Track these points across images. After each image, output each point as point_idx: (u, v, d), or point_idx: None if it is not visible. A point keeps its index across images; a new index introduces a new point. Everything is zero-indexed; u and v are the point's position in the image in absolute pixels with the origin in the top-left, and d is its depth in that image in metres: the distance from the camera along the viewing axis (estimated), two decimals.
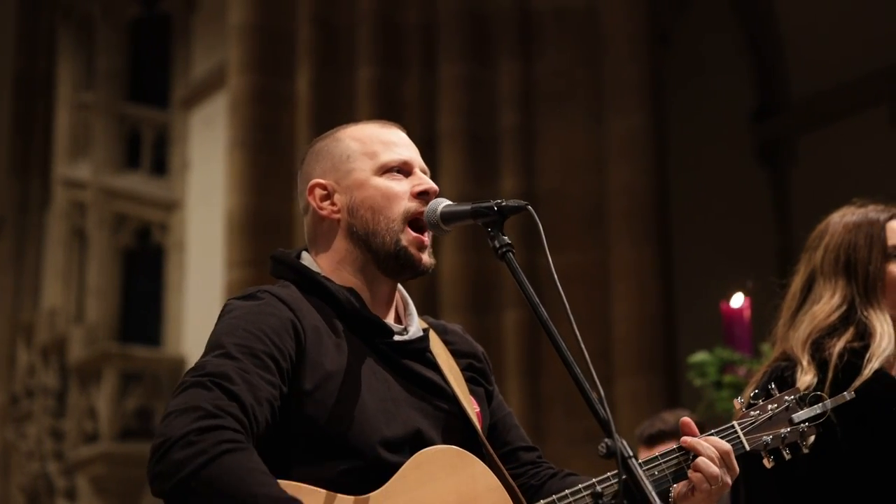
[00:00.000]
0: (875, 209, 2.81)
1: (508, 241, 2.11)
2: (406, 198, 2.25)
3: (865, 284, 2.73)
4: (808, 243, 2.86)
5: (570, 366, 1.97)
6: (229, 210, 8.63)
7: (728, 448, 2.18)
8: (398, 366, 2.21)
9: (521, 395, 7.68)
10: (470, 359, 2.37)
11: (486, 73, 8.44)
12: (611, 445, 1.87)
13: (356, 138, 2.31)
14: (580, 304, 8.01)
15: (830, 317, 2.74)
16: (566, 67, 8.39)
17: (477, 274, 7.93)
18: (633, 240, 8.11)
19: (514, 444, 2.37)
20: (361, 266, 2.26)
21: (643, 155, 8.25)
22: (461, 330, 2.43)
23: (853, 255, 2.76)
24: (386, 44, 8.49)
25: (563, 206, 8.19)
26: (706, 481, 2.14)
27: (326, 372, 2.11)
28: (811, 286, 2.82)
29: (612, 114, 8.29)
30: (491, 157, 8.32)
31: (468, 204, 2.19)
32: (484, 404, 2.33)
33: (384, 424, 2.12)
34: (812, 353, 2.69)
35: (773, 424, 2.28)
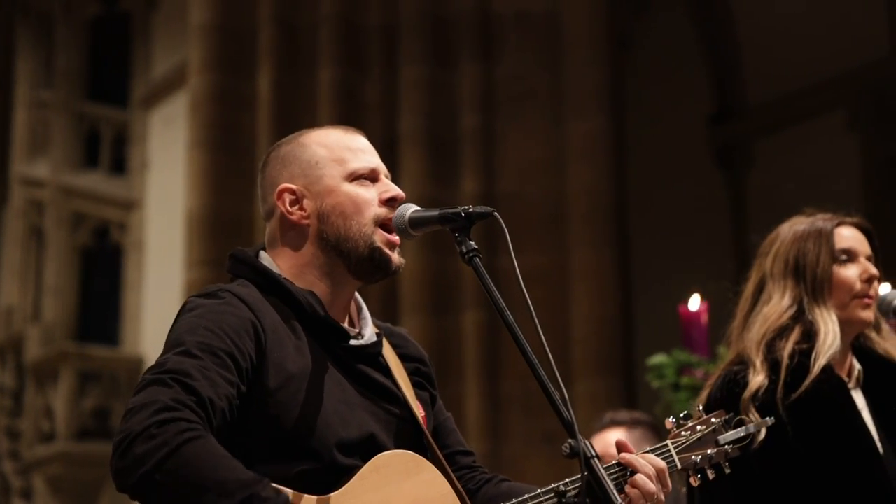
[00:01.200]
0: (823, 218, 2.92)
1: (475, 246, 2.16)
2: (375, 204, 2.29)
3: (814, 286, 2.83)
4: (759, 250, 2.96)
5: (535, 367, 2.02)
6: (189, 210, 8.61)
7: (664, 466, 2.26)
8: (353, 370, 2.25)
9: (480, 396, 7.72)
10: (416, 363, 2.41)
11: (448, 75, 8.47)
12: (574, 446, 1.93)
13: (323, 144, 2.34)
14: (539, 306, 7.90)
15: (781, 318, 2.83)
16: (527, 70, 8.43)
17: (437, 275, 7.96)
18: (592, 242, 8.17)
19: (452, 448, 2.42)
20: (329, 270, 2.29)
21: (602, 158, 8.30)
22: (406, 333, 2.47)
23: (802, 259, 2.86)
24: (347, 45, 8.49)
25: (523, 208, 8.23)
26: (643, 497, 2.21)
27: (289, 373, 2.15)
28: (763, 289, 2.91)
29: (571, 117, 8.34)
30: (451, 159, 8.34)
31: (436, 210, 2.23)
32: (429, 408, 2.38)
33: (340, 427, 2.16)
34: (765, 355, 2.77)
35: (701, 445, 2.37)
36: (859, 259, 2.87)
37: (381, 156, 2.37)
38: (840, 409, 2.75)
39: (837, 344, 2.79)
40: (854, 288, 2.83)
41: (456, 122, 8.42)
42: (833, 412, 2.74)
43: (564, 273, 8.17)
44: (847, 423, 2.74)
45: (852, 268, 2.85)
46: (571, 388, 7.83)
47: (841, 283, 2.84)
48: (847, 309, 2.84)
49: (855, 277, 2.83)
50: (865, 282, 2.83)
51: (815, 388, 2.69)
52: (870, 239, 2.93)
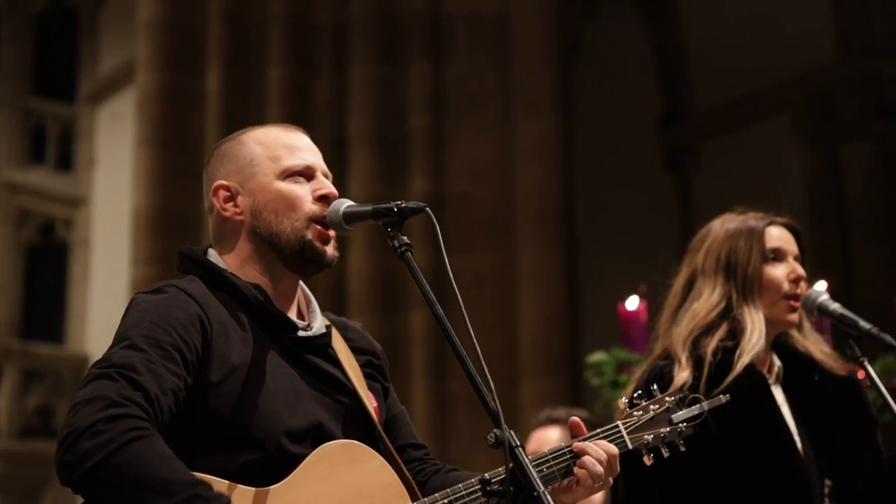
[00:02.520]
0: (755, 216, 2.97)
1: (407, 241, 2.20)
2: (308, 201, 2.33)
3: (744, 284, 2.88)
4: (690, 246, 3.02)
5: (463, 360, 2.05)
6: (135, 207, 8.55)
7: (615, 451, 2.29)
8: (301, 360, 2.28)
9: (427, 396, 7.74)
10: (369, 356, 2.45)
11: (398, 74, 8.48)
12: (499, 435, 1.95)
13: (260, 142, 2.38)
14: (487, 306, 8.10)
15: (710, 314, 2.88)
16: (477, 71, 8.46)
17: (385, 275, 7.97)
18: (541, 242, 8.21)
19: (404, 440, 2.45)
20: (266, 265, 2.33)
21: (551, 159, 8.35)
22: (361, 327, 2.51)
23: (733, 257, 2.91)
24: (297, 43, 8.47)
25: (472, 208, 8.27)
26: (590, 478, 2.25)
27: (232, 365, 2.18)
28: (692, 285, 2.97)
29: (521, 118, 8.38)
30: (401, 159, 8.35)
31: (369, 205, 2.27)
32: (381, 400, 2.42)
33: (288, 416, 2.19)
34: (690, 351, 2.83)
35: (654, 424, 2.40)
36: (788, 259, 2.93)
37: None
38: (760, 405, 2.82)
39: (762, 343, 2.85)
40: (782, 287, 2.88)
41: (406, 122, 8.43)
42: (754, 407, 2.81)
43: (513, 273, 8.21)
44: (767, 417, 2.81)
45: (781, 267, 2.91)
46: (518, 387, 7.88)
47: (770, 282, 2.90)
48: (774, 308, 2.89)
49: (783, 277, 2.89)
50: (793, 282, 2.89)
51: (737, 383, 2.75)
52: (798, 239, 2.99)
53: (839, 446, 2.82)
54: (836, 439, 2.83)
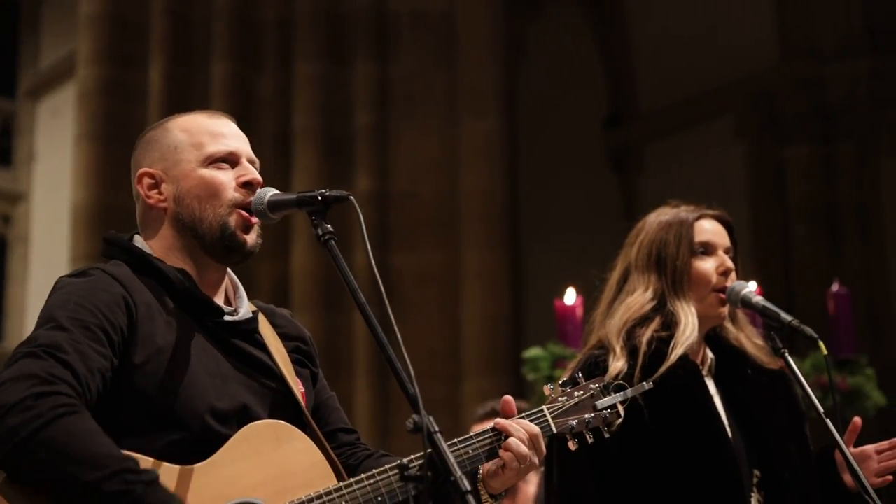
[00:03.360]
0: (686, 209, 2.99)
1: (331, 229, 2.21)
2: (231, 187, 2.34)
3: (674, 278, 2.91)
4: (626, 240, 3.04)
5: (384, 347, 2.07)
6: (75, 203, 8.44)
7: (537, 431, 2.31)
8: (227, 344, 2.30)
9: (370, 393, 7.71)
10: (297, 342, 2.46)
11: (342, 72, 8.44)
12: (418, 421, 1.96)
13: (185, 129, 2.40)
14: (431, 305, 8.10)
15: (643, 308, 2.92)
16: (422, 70, 8.44)
17: (328, 272, 7.93)
18: (485, 241, 8.21)
19: (334, 425, 2.47)
20: (189, 252, 2.34)
21: (496, 159, 8.35)
22: (289, 314, 2.52)
23: (664, 252, 2.94)
24: (242, 39, 8.41)
25: (417, 207, 8.25)
26: (516, 460, 2.26)
27: (157, 346, 2.19)
28: (627, 279, 3.00)
29: (465, 117, 8.37)
30: (345, 157, 8.32)
31: (294, 194, 2.28)
32: (309, 385, 2.43)
33: (213, 398, 2.20)
34: (624, 341, 2.86)
35: (578, 410, 2.41)
36: (717, 252, 2.96)
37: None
38: (693, 395, 2.85)
39: (695, 336, 2.88)
40: (711, 281, 2.91)
41: (350, 120, 8.39)
42: (686, 397, 2.84)
43: (456, 272, 8.20)
44: (699, 407, 2.85)
45: (710, 261, 2.94)
46: (462, 386, 7.88)
47: (699, 276, 2.93)
48: (704, 302, 2.92)
49: (712, 271, 2.93)
50: (722, 275, 2.92)
51: (671, 373, 2.78)
52: (730, 232, 3.02)
53: (768, 438, 2.86)
54: (765, 431, 2.87)
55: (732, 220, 3.03)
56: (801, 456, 2.88)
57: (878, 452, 2.78)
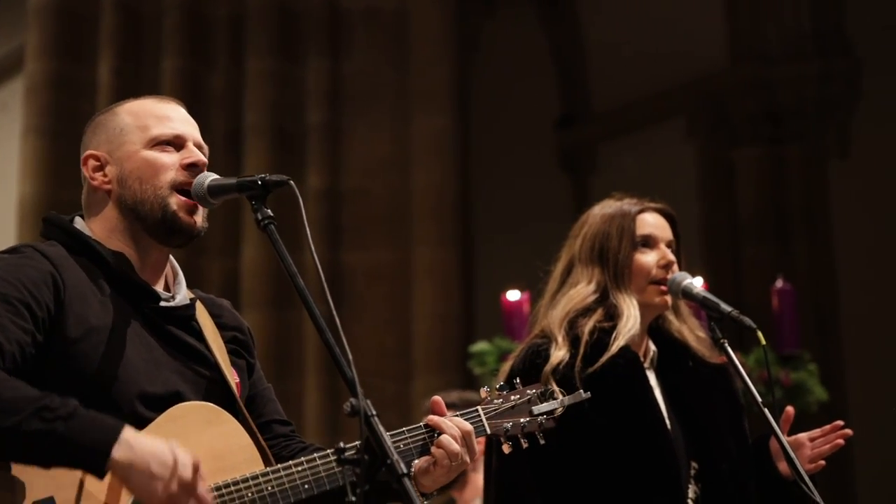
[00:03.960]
0: (629, 202, 3.02)
1: (271, 213, 2.23)
2: (174, 169, 2.35)
3: (615, 271, 2.95)
4: (571, 232, 3.05)
5: (323, 331, 2.08)
6: (22, 198, 8.34)
7: (470, 429, 2.32)
8: (162, 330, 2.30)
9: (319, 392, 7.68)
10: (234, 332, 2.47)
11: (294, 69, 8.41)
12: (355, 404, 1.97)
13: (131, 112, 2.42)
14: (382, 302, 8.09)
15: (586, 300, 2.95)
16: (374, 67, 8.43)
17: (279, 270, 7.86)
18: (436, 239, 8.22)
19: (269, 416, 2.47)
20: (132, 234, 2.35)
21: (448, 157, 8.36)
22: (229, 305, 2.54)
23: (606, 245, 2.98)
24: (192, 35, 8.36)
25: (368, 204, 8.24)
26: (447, 457, 2.27)
27: (90, 326, 2.19)
28: (570, 271, 3.04)
29: (418, 115, 8.37)
30: (297, 154, 8.29)
31: (234, 178, 2.30)
32: (244, 376, 2.44)
33: (144, 382, 2.20)
34: (567, 331, 2.88)
35: (514, 413, 2.43)
36: (659, 245, 2.98)
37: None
38: (633, 385, 2.88)
39: (637, 327, 2.91)
40: (650, 273, 2.94)
41: (302, 117, 8.37)
42: (626, 387, 2.87)
43: (408, 270, 8.20)
44: (638, 398, 2.87)
45: (651, 254, 2.97)
46: (412, 383, 7.88)
47: (639, 269, 2.96)
48: (644, 293, 2.95)
49: (652, 263, 2.95)
50: (662, 267, 2.94)
51: (612, 363, 2.81)
52: (672, 225, 3.04)
53: (707, 430, 2.89)
54: (704, 423, 2.89)
55: (675, 214, 3.05)
56: (739, 448, 2.92)
57: (812, 440, 2.82)
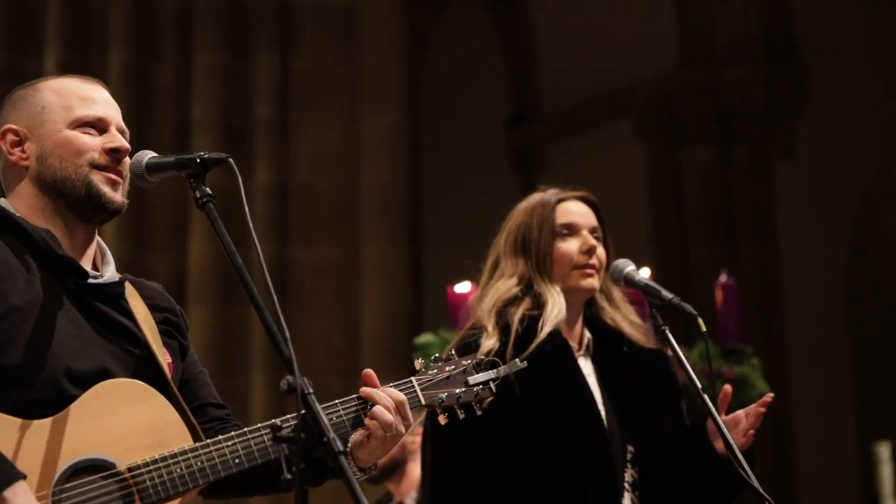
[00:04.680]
0: (551, 192, 3.06)
1: (210, 192, 2.21)
2: (96, 151, 2.33)
3: (537, 261, 2.99)
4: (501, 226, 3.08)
5: (261, 309, 2.07)
6: None
7: (403, 398, 2.30)
8: (90, 308, 2.27)
9: (265, 388, 7.64)
10: (166, 313, 2.45)
11: (243, 64, 8.36)
12: (292, 382, 1.95)
13: (55, 91, 2.39)
14: (330, 299, 8.06)
15: (511, 290, 2.98)
16: (324, 63, 8.41)
17: (225, 265, 7.84)
18: (385, 237, 8.20)
19: (204, 399, 2.46)
20: (53, 212, 2.32)
21: (397, 154, 8.35)
22: (161, 288, 2.52)
23: (528, 236, 3.02)
24: (140, 28, 8.28)
25: (317, 200, 8.22)
26: (381, 428, 2.26)
27: (12, 304, 2.16)
28: (497, 264, 3.09)
29: (367, 111, 8.35)
30: (245, 149, 8.24)
31: (173, 156, 2.28)
32: (177, 357, 2.41)
33: (70, 359, 2.17)
34: (496, 320, 2.91)
35: (450, 384, 2.41)
36: (581, 232, 3.01)
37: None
38: (562, 370, 2.89)
39: (563, 314, 2.93)
40: (572, 260, 2.96)
41: (251, 112, 8.32)
42: (556, 372, 2.88)
43: (356, 267, 8.18)
44: (569, 382, 2.90)
45: (573, 241, 3.00)
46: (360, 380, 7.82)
47: (560, 257, 2.99)
48: (569, 279, 2.98)
49: (574, 251, 2.98)
50: (584, 253, 2.97)
51: (540, 349, 2.82)
52: (596, 211, 3.07)
53: (643, 414, 2.91)
54: (640, 407, 2.91)
55: (598, 200, 3.09)
56: (676, 432, 2.94)
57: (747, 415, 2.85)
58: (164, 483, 2.10)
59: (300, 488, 1.81)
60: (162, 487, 2.10)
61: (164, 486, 2.10)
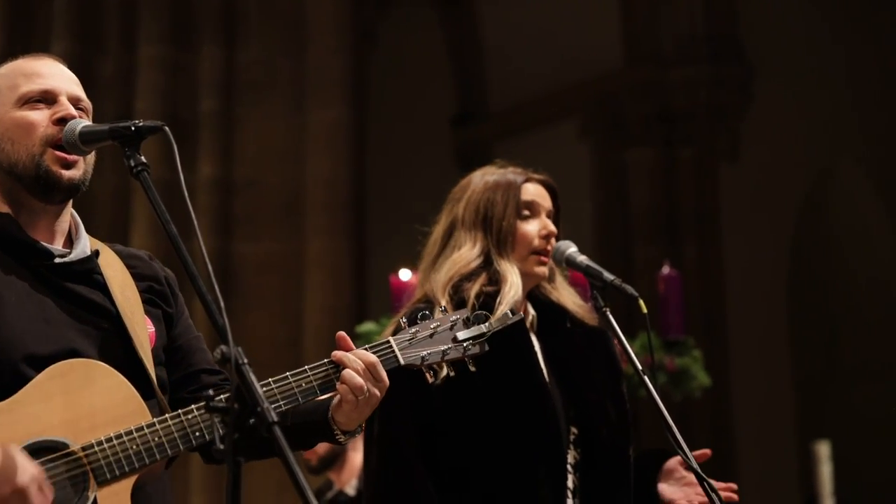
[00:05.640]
0: (514, 171, 3.03)
1: (144, 160, 2.20)
2: (45, 125, 2.29)
3: (499, 238, 2.93)
4: (450, 196, 3.06)
5: (195, 278, 2.02)
6: None
7: (374, 360, 2.26)
8: (59, 288, 2.25)
9: None
10: (150, 281, 2.42)
11: (187, 56, 8.28)
12: (226, 352, 1.91)
13: (3, 74, 2.37)
14: (275, 294, 8.00)
15: (469, 264, 2.92)
16: (269, 56, 8.34)
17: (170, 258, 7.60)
18: (329, 232, 8.15)
19: (198, 366, 2.43)
20: (12, 196, 2.30)
21: (342, 148, 8.30)
22: (148, 256, 2.49)
23: (491, 211, 2.96)
24: (83, 19, 8.18)
25: (261, 195, 8.15)
26: (351, 392, 2.22)
27: None
28: (452, 234, 3.01)
29: (312, 106, 8.29)
30: (189, 143, 8.16)
31: (107, 124, 2.25)
32: (160, 325, 2.39)
33: (32, 343, 2.14)
34: (451, 295, 2.85)
35: (434, 342, 2.34)
36: (541, 215, 2.99)
37: None
38: (519, 349, 2.87)
39: (520, 294, 2.89)
40: (532, 243, 2.94)
41: (194, 106, 8.24)
42: (512, 352, 2.84)
43: (300, 261, 8.12)
44: (525, 362, 2.86)
45: (533, 223, 2.97)
46: None
47: (521, 237, 2.95)
48: (525, 263, 2.95)
49: (534, 233, 2.95)
50: (543, 238, 2.94)
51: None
52: (553, 196, 3.05)
53: (586, 395, 2.88)
54: (583, 388, 2.89)
55: (556, 186, 3.07)
56: (618, 414, 2.92)
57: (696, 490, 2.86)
58: (119, 460, 2.07)
59: (233, 459, 1.77)
60: (117, 465, 2.07)
61: (119, 463, 2.07)
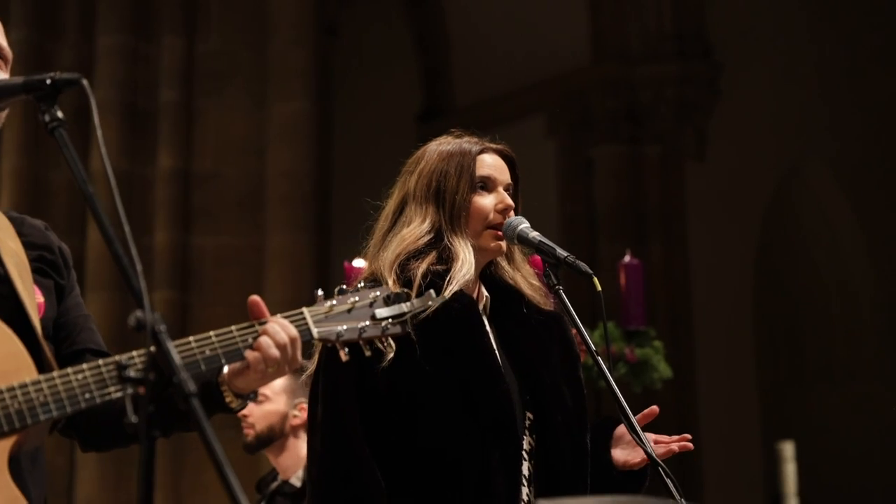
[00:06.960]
0: (469, 140, 2.88)
1: (61, 116, 2.08)
2: None
3: (451, 213, 2.77)
4: (404, 168, 2.90)
5: (111, 242, 1.93)
6: None
7: (296, 335, 2.15)
8: None
9: None
10: (42, 251, 2.35)
11: (147, 46, 8.16)
12: (141, 318, 1.82)
13: None
14: (234, 288, 7.86)
15: (419, 241, 2.76)
16: (230, 48, 8.23)
17: None
18: (291, 225, 8.05)
19: (83, 345, 2.34)
20: None
21: (304, 141, 8.19)
22: (44, 226, 2.41)
23: (443, 183, 2.79)
24: (41, 6, 8.05)
25: (221, 188, 8.05)
26: (262, 362, 2.10)
27: None
28: (403, 209, 2.84)
29: (274, 98, 8.19)
30: (149, 134, 8.05)
31: (21, 78, 2.15)
32: (50, 295, 2.31)
33: None
34: (398, 274, 2.70)
35: (352, 318, 2.20)
36: (497, 189, 2.84)
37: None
38: (469, 331, 2.73)
39: (472, 272, 2.75)
40: (488, 217, 2.80)
41: (154, 97, 8.11)
42: (462, 333, 2.71)
43: (260, 255, 8.01)
44: (475, 345, 2.72)
45: (489, 197, 2.82)
46: None
47: (476, 211, 2.80)
48: (480, 238, 2.80)
49: (490, 207, 2.80)
50: (499, 212, 2.81)
51: (446, 308, 2.58)
52: (512, 168, 2.92)
53: (542, 379, 2.76)
54: (539, 372, 2.76)
55: (515, 156, 2.93)
56: (574, 399, 2.80)
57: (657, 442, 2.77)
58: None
59: (147, 433, 1.65)
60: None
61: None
